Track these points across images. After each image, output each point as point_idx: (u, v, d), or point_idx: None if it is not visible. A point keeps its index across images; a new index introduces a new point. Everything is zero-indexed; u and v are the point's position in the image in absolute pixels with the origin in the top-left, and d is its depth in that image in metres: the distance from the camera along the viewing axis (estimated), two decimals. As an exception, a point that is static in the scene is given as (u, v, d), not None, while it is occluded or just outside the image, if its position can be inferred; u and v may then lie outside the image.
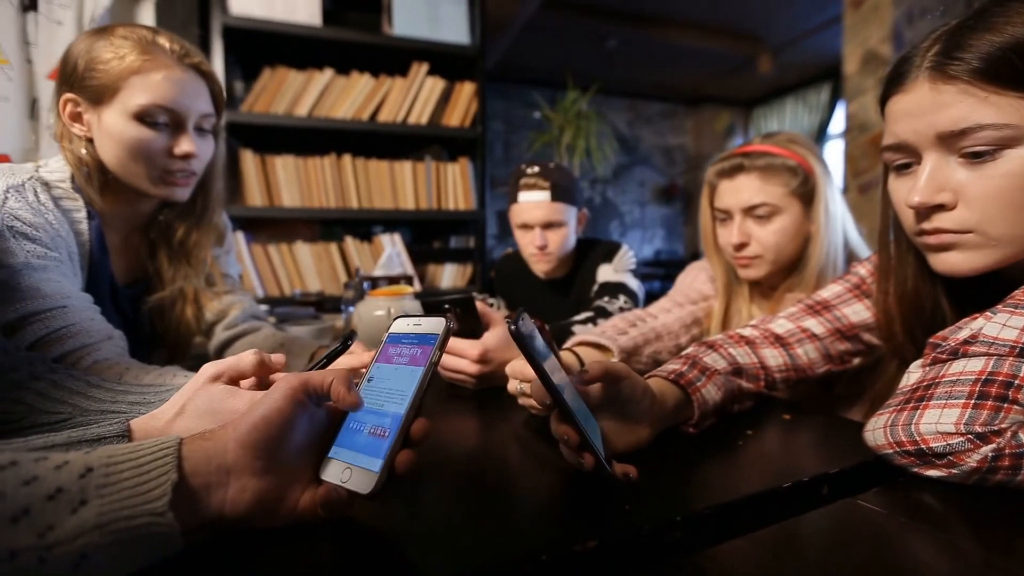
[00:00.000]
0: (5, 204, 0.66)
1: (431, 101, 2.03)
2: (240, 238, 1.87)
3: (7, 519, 0.30)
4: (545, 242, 1.28)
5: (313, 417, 0.41)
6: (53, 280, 0.67)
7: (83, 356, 0.64)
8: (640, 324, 0.92)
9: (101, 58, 0.70)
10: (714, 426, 0.61)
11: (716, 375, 0.62)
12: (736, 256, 0.95)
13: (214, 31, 1.73)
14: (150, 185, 0.75)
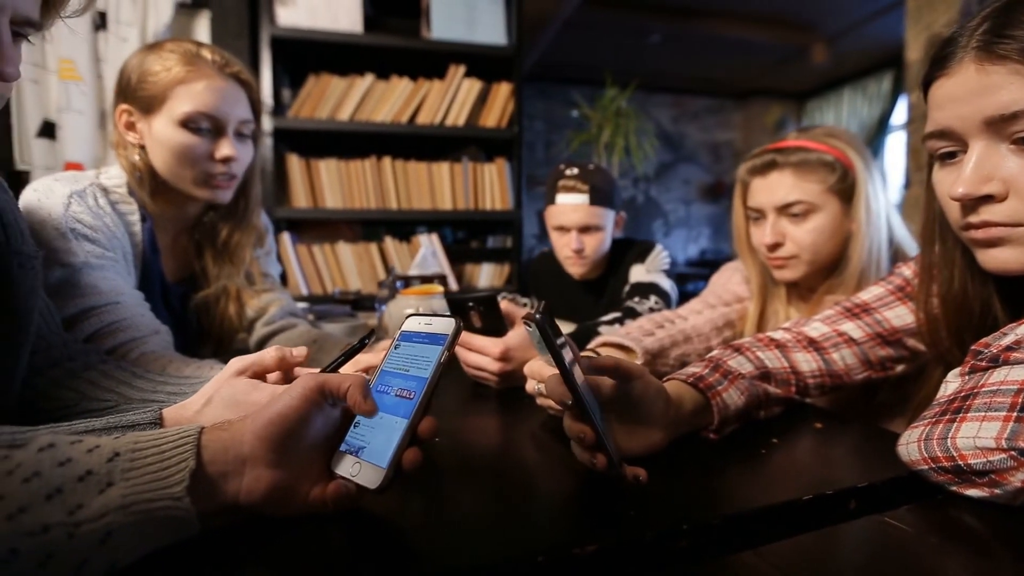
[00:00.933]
0: (69, 208, 0.72)
1: (468, 102, 2.06)
2: (286, 239, 1.96)
3: (42, 496, 0.33)
4: (581, 246, 1.27)
5: (327, 415, 0.42)
6: (109, 278, 0.73)
7: (132, 348, 0.69)
8: (668, 325, 0.90)
9: (151, 70, 0.75)
10: (737, 432, 0.59)
11: (739, 379, 0.60)
12: (770, 257, 0.91)
13: (263, 42, 1.82)
14: (194, 188, 0.80)
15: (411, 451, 0.40)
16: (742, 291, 1.02)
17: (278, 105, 1.92)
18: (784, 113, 4.56)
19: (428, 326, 0.47)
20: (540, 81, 4.01)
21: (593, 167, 1.26)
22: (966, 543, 0.39)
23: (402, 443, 0.40)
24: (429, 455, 0.54)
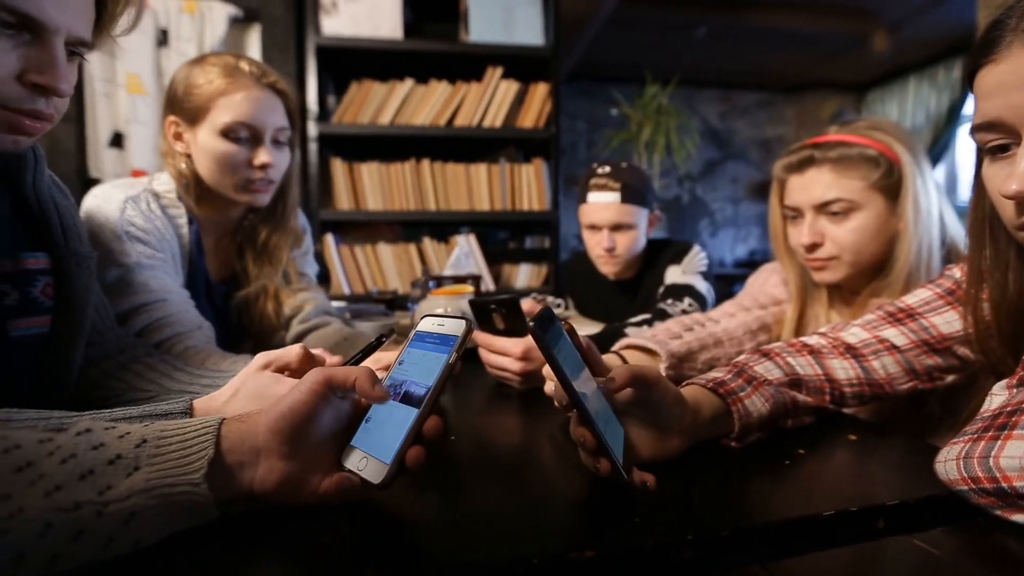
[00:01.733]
0: (124, 212, 0.78)
1: (505, 104, 2.07)
2: (330, 240, 2.03)
3: (76, 476, 0.35)
4: (613, 244, 1.26)
5: (337, 409, 0.44)
6: (159, 277, 0.78)
7: (176, 343, 0.74)
8: (697, 328, 0.87)
9: (195, 83, 0.80)
10: (761, 441, 0.56)
11: (764, 386, 0.57)
12: (809, 258, 0.86)
13: (309, 51, 1.89)
14: (235, 193, 0.85)
15: (415, 449, 0.40)
16: (779, 293, 0.98)
17: (323, 111, 2.00)
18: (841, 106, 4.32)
19: (440, 327, 0.47)
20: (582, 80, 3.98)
21: (626, 165, 1.24)
22: (1006, 573, 0.36)
23: (406, 441, 0.40)
24: (443, 452, 0.55)
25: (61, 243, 0.63)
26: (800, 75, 4.16)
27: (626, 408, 0.50)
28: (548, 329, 0.44)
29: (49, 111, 0.54)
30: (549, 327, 0.44)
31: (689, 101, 4.06)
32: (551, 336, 0.44)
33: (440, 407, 0.66)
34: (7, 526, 0.32)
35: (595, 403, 0.45)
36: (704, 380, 0.57)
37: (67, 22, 0.53)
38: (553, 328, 0.45)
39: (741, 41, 3.54)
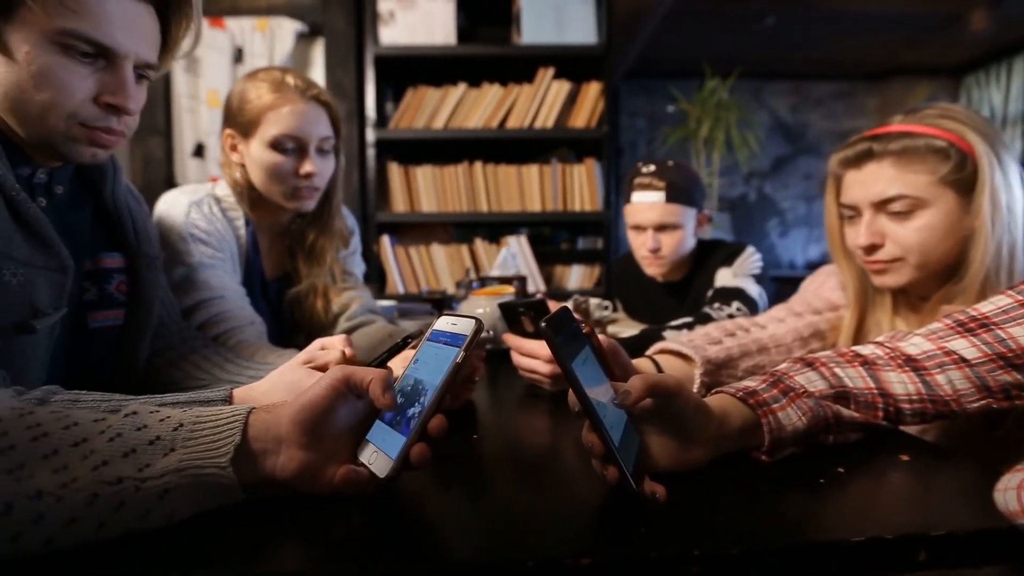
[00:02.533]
0: (188, 216, 0.86)
1: (557, 104, 2.06)
2: (386, 241, 2.12)
3: (120, 453, 0.40)
4: (658, 245, 1.22)
5: (354, 405, 0.46)
6: (218, 275, 0.85)
7: (230, 336, 0.80)
8: (740, 334, 0.83)
9: (247, 98, 0.87)
10: (796, 456, 0.52)
11: (803, 398, 0.53)
12: (868, 260, 0.80)
13: (367, 62, 1.98)
14: (284, 200, 0.91)
15: (419, 446, 0.41)
16: (837, 298, 0.91)
17: (382, 118, 2.09)
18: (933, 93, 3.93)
19: (453, 326, 0.48)
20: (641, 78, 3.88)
21: (672, 163, 1.20)
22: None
23: (411, 438, 0.42)
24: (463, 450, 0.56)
25: (134, 245, 0.70)
26: (884, 61, 3.84)
27: (644, 416, 0.48)
28: (562, 331, 0.43)
29: (120, 128, 0.61)
30: (563, 329, 0.44)
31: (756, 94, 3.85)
32: (564, 338, 0.43)
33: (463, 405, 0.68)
34: (62, 493, 0.37)
35: (611, 409, 0.45)
36: (734, 389, 0.55)
37: (135, 48, 0.59)
38: (568, 330, 0.45)
39: (815, 28, 3.32)
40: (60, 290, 0.59)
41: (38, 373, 0.58)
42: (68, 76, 0.55)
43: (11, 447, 0.39)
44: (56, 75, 0.55)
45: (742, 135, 3.09)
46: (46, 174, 0.62)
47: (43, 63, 0.54)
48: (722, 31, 3.28)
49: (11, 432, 0.39)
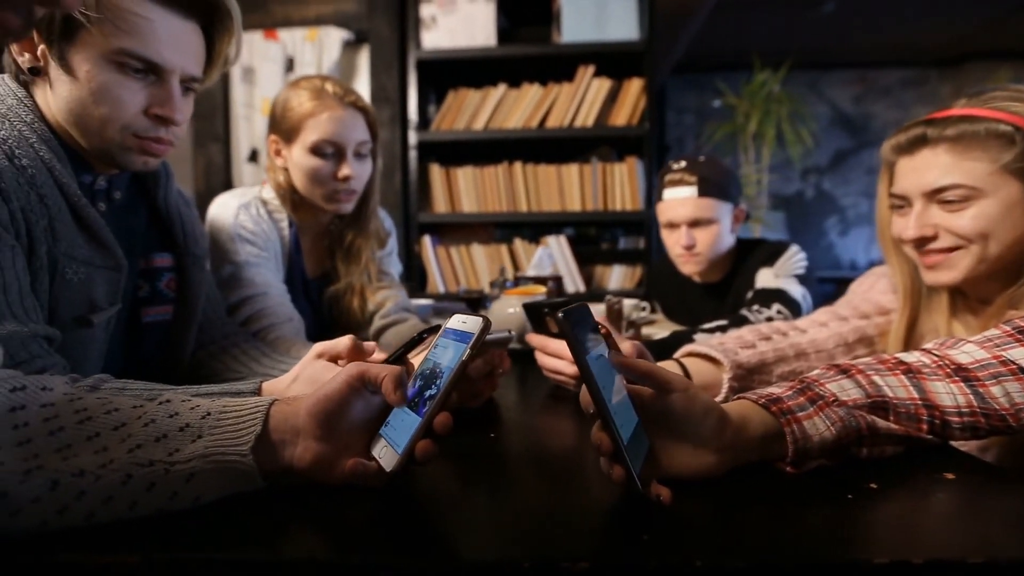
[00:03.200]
0: (237, 218, 0.91)
1: (597, 102, 2.04)
2: (427, 241, 2.17)
3: (153, 438, 0.43)
4: (692, 241, 1.19)
5: (369, 400, 0.47)
6: (262, 273, 0.90)
7: (269, 331, 0.85)
8: (777, 338, 0.79)
9: (289, 105, 0.92)
10: (825, 469, 0.49)
11: (832, 407, 0.50)
12: (923, 252, 0.73)
13: (410, 66, 2.03)
14: (323, 202, 0.95)
15: (424, 442, 0.42)
16: (887, 302, 0.86)
17: (424, 121, 2.13)
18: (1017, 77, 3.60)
19: (464, 324, 0.49)
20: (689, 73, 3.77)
21: (704, 158, 1.16)
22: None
23: (416, 434, 0.43)
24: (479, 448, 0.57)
25: (182, 245, 0.76)
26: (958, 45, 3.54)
27: (654, 419, 0.47)
28: (579, 326, 0.43)
29: (168, 137, 0.66)
30: (581, 324, 0.43)
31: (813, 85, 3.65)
32: (581, 333, 0.43)
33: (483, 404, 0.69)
34: (101, 472, 0.40)
35: (622, 411, 0.44)
36: (756, 395, 0.52)
37: (181, 64, 0.63)
38: (585, 327, 0.44)
39: (879, 12, 3.11)
40: (115, 287, 0.64)
41: (95, 363, 0.63)
42: (122, 91, 0.60)
43: (60, 428, 0.43)
44: (112, 90, 0.60)
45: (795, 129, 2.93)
46: (106, 181, 0.68)
47: (101, 80, 0.59)
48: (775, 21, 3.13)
49: (61, 415, 0.43)
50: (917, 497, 0.47)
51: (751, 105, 2.79)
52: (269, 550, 0.38)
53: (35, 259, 0.57)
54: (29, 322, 0.54)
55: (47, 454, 0.40)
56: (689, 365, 0.74)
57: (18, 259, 0.55)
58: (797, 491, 0.46)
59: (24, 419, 0.42)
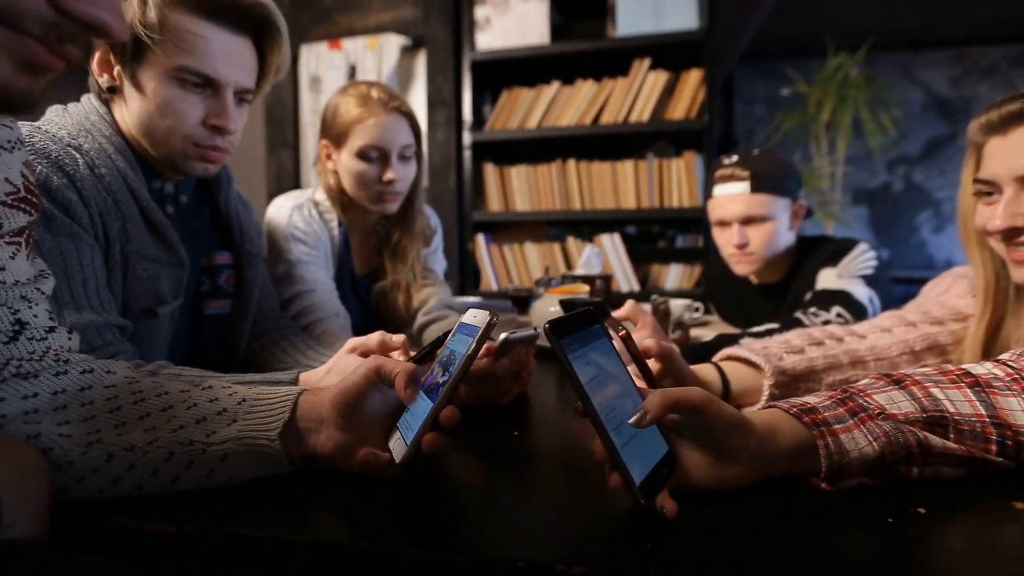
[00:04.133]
0: (291, 219, 0.98)
1: (653, 96, 1.98)
2: (481, 240, 2.20)
3: (194, 420, 0.47)
4: (745, 240, 1.13)
5: (386, 394, 0.49)
6: (312, 271, 0.96)
7: (316, 326, 0.90)
8: (830, 343, 0.74)
9: (338, 112, 0.97)
10: (867, 488, 0.45)
11: (877, 420, 0.45)
12: (1009, 247, 0.65)
13: (464, 68, 2.07)
14: (370, 204, 1.00)
15: (431, 435, 0.44)
16: (964, 306, 0.77)
17: (479, 121, 2.17)
18: None
19: (474, 319, 0.50)
20: (759, 61, 3.56)
21: (758, 152, 1.10)
22: None
23: (423, 427, 0.44)
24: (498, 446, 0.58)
25: (239, 244, 0.82)
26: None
27: (675, 427, 0.45)
28: (571, 332, 0.43)
29: (224, 145, 0.72)
30: (573, 330, 0.43)
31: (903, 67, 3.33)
32: (572, 339, 0.42)
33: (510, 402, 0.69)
34: (148, 449, 0.45)
35: (623, 413, 0.43)
36: (789, 403, 0.49)
37: (234, 77, 0.69)
38: (581, 331, 0.44)
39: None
40: (179, 283, 0.71)
41: (161, 351, 0.71)
42: (183, 105, 0.66)
43: (118, 408, 0.48)
44: (174, 104, 0.66)
45: (875, 116, 2.67)
46: (173, 186, 0.75)
47: (165, 95, 0.66)
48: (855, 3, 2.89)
49: (120, 396, 0.49)
50: (974, 527, 0.42)
51: (824, 92, 2.57)
52: (292, 530, 0.40)
53: (110, 257, 0.64)
54: (104, 313, 0.61)
55: (106, 430, 0.46)
56: (728, 370, 0.70)
57: (96, 257, 0.62)
58: (828, 510, 0.42)
59: (90, 398, 0.48)
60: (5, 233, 0.45)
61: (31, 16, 0.31)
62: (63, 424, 0.45)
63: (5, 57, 0.31)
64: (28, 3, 0.31)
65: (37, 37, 0.32)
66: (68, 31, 0.33)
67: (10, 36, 0.31)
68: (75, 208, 0.60)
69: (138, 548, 0.42)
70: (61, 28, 0.32)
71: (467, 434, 0.62)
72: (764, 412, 0.48)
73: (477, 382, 0.66)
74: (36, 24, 0.31)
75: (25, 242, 0.47)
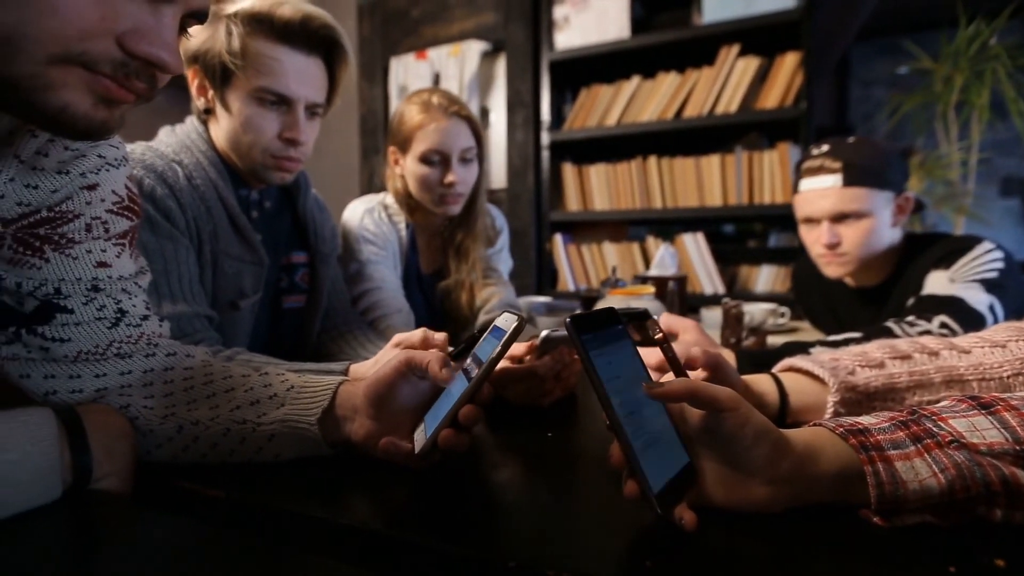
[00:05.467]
0: (362, 221, 1.06)
1: (743, 85, 1.85)
2: (558, 240, 2.20)
3: (248, 402, 0.53)
4: (836, 239, 1.02)
5: (416, 385, 0.51)
6: (380, 270, 1.03)
7: (381, 321, 0.96)
8: (919, 358, 0.64)
9: (403, 119, 1.03)
10: (932, 528, 0.38)
11: (947, 449, 0.39)
12: None
13: (543, 69, 2.08)
14: (433, 206, 1.05)
15: (447, 431, 0.45)
16: (1108, 317, 0.64)
17: (558, 121, 2.17)
18: None
19: (505, 323, 0.51)
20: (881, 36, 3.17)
21: (852, 140, 0.98)
22: None
23: (442, 422, 0.46)
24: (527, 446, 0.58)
25: (313, 244, 0.91)
26: None
27: (698, 436, 0.43)
28: (592, 330, 0.42)
29: (297, 155, 0.79)
30: (595, 328, 0.42)
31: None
32: (594, 337, 0.41)
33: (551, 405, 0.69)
34: (210, 424, 0.51)
35: (653, 421, 0.41)
36: (836, 422, 0.43)
37: (305, 94, 0.76)
38: (603, 331, 0.43)
39: None
40: (258, 279, 0.80)
41: (243, 340, 0.80)
42: (262, 121, 0.75)
43: (191, 387, 0.55)
44: (254, 121, 0.75)
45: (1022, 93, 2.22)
46: (258, 194, 0.85)
47: (247, 114, 0.74)
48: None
49: (194, 377, 0.56)
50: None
51: (954, 68, 2.19)
52: (319, 507, 0.44)
53: (202, 256, 0.74)
54: (195, 304, 0.71)
55: (180, 405, 0.53)
56: (788, 382, 0.64)
57: (190, 256, 0.72)
58: (877, 549, 0.37)
59: (171, 377, 0.55)
60: (112, 236, 0.54)
61: (104, 58, 0.37)
62: (148, 398, 0.53)
63: (85, 93, 0.38)
64: (101, 48, 0.37)
65: (109, 75, 0.38)
66: (134, 68, 0.39)
67: (88, 76, 0.37)
68: (174, 215, 0.70)
69: (194, 510, 0.48)
70: (128, 66, 0.38)
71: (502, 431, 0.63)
72: (806, 430, 0.43)
73: (518, 381, 0.67)
74: (108, 64, 0.37)
75: (128, 243, 0.56)
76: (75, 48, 0.36)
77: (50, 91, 0.36)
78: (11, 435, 0.41)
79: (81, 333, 0.51)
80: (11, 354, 0.50)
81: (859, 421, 0.43)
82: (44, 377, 0.51)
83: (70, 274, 0.50)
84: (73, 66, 0.36)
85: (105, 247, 0.53)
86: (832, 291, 1.20)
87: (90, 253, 0.51)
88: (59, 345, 0.50)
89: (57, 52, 0.35)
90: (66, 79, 0.36)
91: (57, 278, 0.50)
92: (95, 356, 0.52)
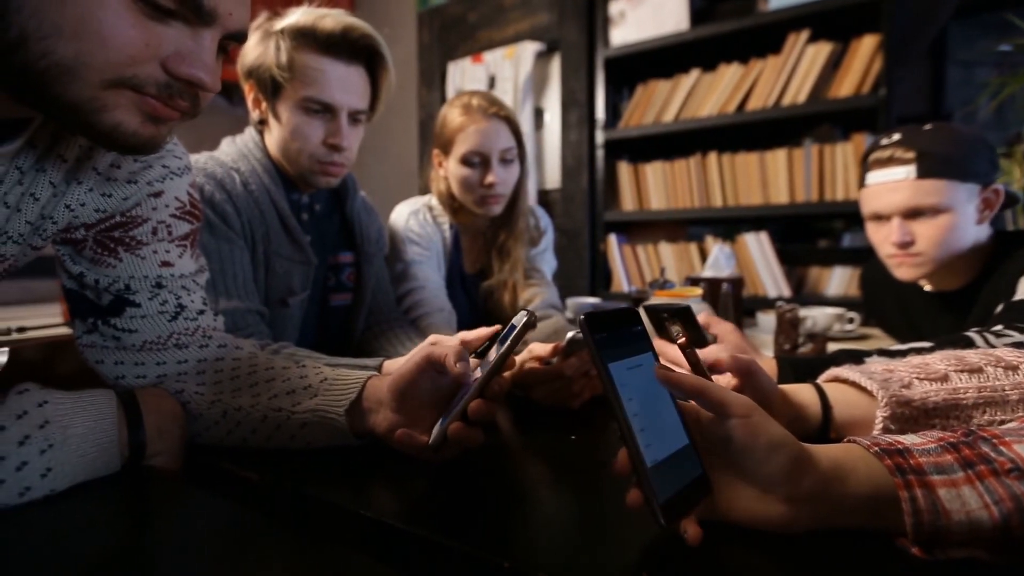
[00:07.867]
0: (407, 222, 1.09)
1: (812, 73, 1.73)
2: (613, 240, 2.16)
3: (285, 392, 0.57)
4: (908, 237, 0.93)
5: (437, 380, 0.53)
6: (424, 270, 1.06)
7: (423, 319, 0.99)
8: (991, 371, 0.56)
9: (445, 122, 1.05)
10: (981, 565, 0.34)
11: (1006, 478, 0.35)
12: None
13: (597, 66, 2.05)
14: (474, 206, 1.06)
15: (457, 425, 0.47)
16: None
17: (614, 118, 2.13)
18: None
19: (519, 320, 0.51)
20: (984, 11, 2.83)
21: (930, 127, 0.89)
22: None
23: (453, 416, 0.47)
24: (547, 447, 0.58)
25: (360, 245, 0.95)
26: None
27: (712, 446, 0.40)
28: (607, 330, 0.40)
29: (341, 160, 0.84)
30: (611, 329, 0.41)
31: None
32: (608, 338, 0.40)
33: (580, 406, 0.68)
34: (251, 411, 0.56)
35: (667, 427, 0.39)
36: (872, 439, 0.39)
37: (347, 102, 0.81)
38: (620, 333, 0.42)
39: None
40: (307, 278, 0.85)
41: (292, 335, 0.85)
42: (308, 129, 0.80)
43: (237, 376, 0.60)
44: (301, 129, 0.80)
45: None
46: (308, 197, 0.91)
47: (295, 122, 0.80)
48: None
49: (241, 367, 0.61)
50: None
51: None
52: (349, 498, 0.46)
53: (255, 256, 0.80)
54: (248, 301, 0.77)
55: (226, 392, 0.58)
56: (833, 393, 0.58)
57: (244, 256, 0.78)
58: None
59: (220, 367, 0.60)
60: (175, 238, 0.60)
61: (150, 81, 0.41)
62: (200, 385, 0.58)
63: (135, 113, 0.42)
64: (148, 71, 0.41)
65: (155, 96, 0.42)
66: (177, 89, 0.43)
67: (136, 97, 0.41)
68: (231, 218, 0.76)
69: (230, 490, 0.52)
70: (172, 87, 0.42)
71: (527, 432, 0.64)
72: (838, 446, 0.40)
73: (545, 382, 0.67)
74: (154, 86, 0.42)
75: (190, 244, 0.62)
76: (125, 73, 0.40)
77: (105, 112, 0.41)
78: (79, 413, 0.47)
79: (146, 325, 0.57)
80: (90, 342, 0.57)
81: (900, 440, 0.39)
82: (115, 363, 0.57)
83: (138, 272, 0.56)
84: (123, 89, 0.41)
85: (169, 248, 0.59)
86: (907, 296, 1.10)
87: (155, 253, 0.57)
88: (128, 335, 0.56)
89: (110, 77, 0.40)
90: (118, 101, 0.41)
91: (128, 276, 0.56)
92: (157, 346, 0.57)
